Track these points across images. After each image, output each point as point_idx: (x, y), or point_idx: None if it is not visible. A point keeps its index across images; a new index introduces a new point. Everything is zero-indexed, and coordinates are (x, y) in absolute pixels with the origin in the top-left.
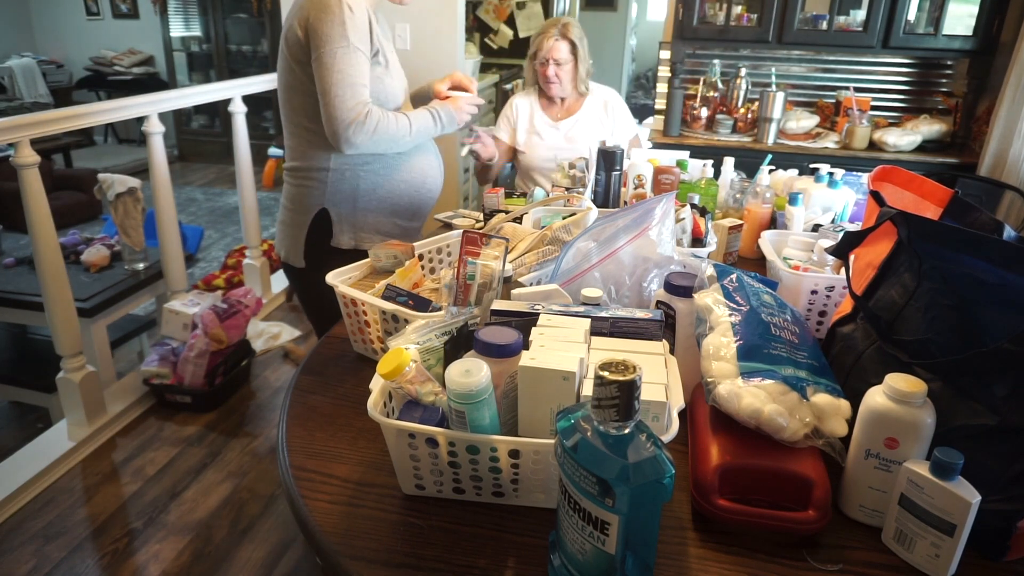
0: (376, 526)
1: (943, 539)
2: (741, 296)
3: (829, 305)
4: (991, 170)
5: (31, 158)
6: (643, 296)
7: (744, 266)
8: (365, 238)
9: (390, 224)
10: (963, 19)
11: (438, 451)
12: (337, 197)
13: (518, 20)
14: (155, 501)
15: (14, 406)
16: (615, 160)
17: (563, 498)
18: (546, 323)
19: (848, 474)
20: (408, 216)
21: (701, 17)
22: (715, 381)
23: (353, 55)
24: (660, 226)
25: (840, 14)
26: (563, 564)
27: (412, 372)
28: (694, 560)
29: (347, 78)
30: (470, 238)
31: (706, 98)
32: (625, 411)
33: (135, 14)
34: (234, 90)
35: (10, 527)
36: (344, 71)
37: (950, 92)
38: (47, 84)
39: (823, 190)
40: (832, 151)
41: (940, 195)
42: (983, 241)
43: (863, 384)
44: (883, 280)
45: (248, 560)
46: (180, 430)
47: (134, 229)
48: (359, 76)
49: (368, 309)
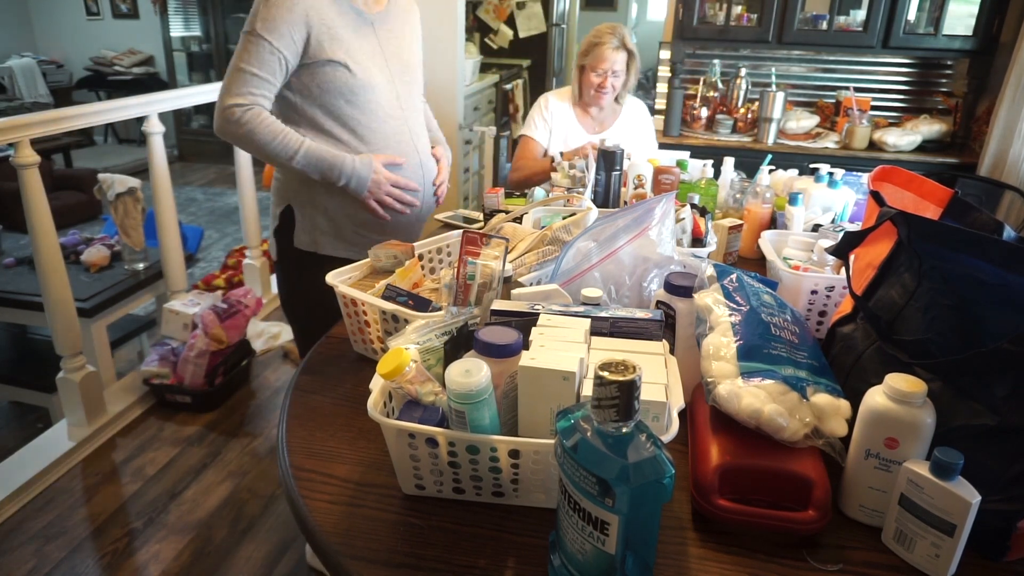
0: (376, 526)
1: (943, 539)
2: (741, 296)
3: (829, 305)
4: (991, 170)
5: (31, 158)
6: (643, 296)
7: (744, 266)
8: (324, 242)
9: (352, 233)
10: (963, 19)
11: (438, 451)
12: (299, 194)
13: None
14: (155, 501)
15: (14, 406)
16: (615, 160)
17: (563, 498)
18: (546, 323)
19: (848, 474)
20: (378, 230)
21: (701, 17)
22: (715, 381)
23: (255, 45)
24: (660, 226)
25: (840, 14)
26: (563, 564)
27: (412, 372)
28: (694, 560)
29: (239, 65)
30: (470, 238)
31: (706, 98)
32: (625, 411)
33: (135, 14)
34: None
35: (10, 527)
36: (240, 56)
37: (950, 92)
38: (47, 84)
39: (823, 190)
40: (832, 151)
41: (940, 195)
42: (983, 241)
43: (863, 384)
44: (883, 280)
45: (248, 560)
46: (180, 430)
47: (134, 229)
48: (253, 67)
49: (368, 309)
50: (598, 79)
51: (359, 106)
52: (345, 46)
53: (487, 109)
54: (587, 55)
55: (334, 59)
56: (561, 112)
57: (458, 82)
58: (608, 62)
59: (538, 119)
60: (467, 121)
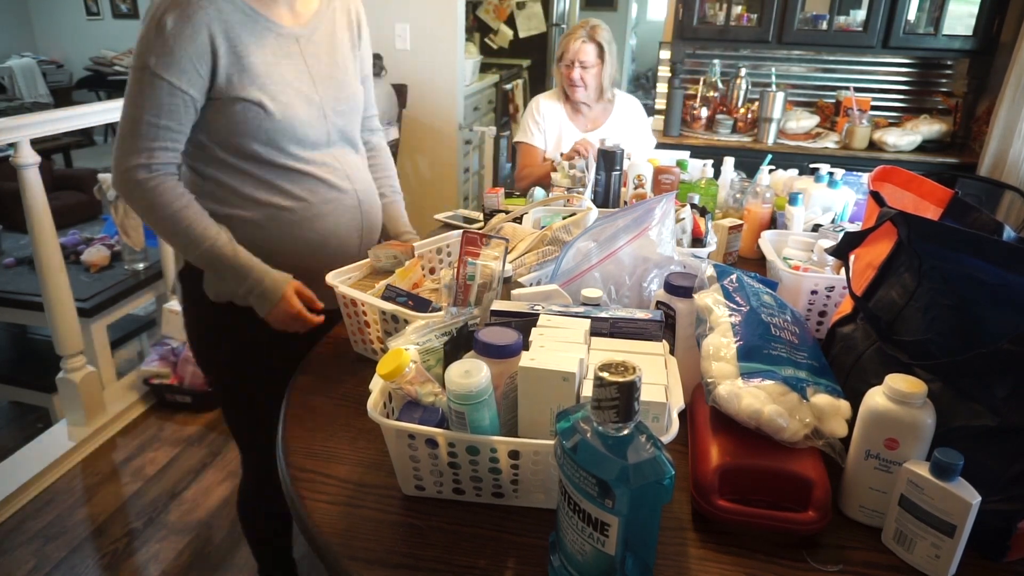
0: (376, 526)
1: (943, 540)
2: (741, 296)
3: (829, 305)
4: (991, 170)
5: (31, 158)
6: (643, 296)
7: (744, 266)
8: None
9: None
10: (963, 19)
11: (438, 452)
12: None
13: (518, 20)
14: (155, 501)
15: (14, 406)
16: (615, 160)
17: (563, 499)
18: (546, 323)
19: (848, 474)
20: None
21: (701, 17)
22: (715, 381)
23: (152, 87)
24: (660, 226)
25: (840, 14)
26: (563, 565)
27: (412, 373)
28: (694, 560)
29: (137, 114)
30: (470, 238)
31: (706, 98)
32: (625, 412)
33: (135, 14)
34: None
35: (10, 527)
36: (135, 101)
37: (950, 92)
38: (47, 84)
39: (823, 190)
40: (832, 151)
41: (940, 195)
42: (983, 241)
43: (863, 384)
44: (883, 280)
45: (248, 560)
46: (180, 430)
47: (134, 229)
48: (153, 114)
49: (368, 309)
50: (567, 70)
51: (280, 149)
52: (260, 79)
53: (487, 109)
54: (559, 50)
55: (246, 97)
56: (552, 112)
57: (458, 82)
58: (572, 53)
59: (531, 124)
60: (467, 121)
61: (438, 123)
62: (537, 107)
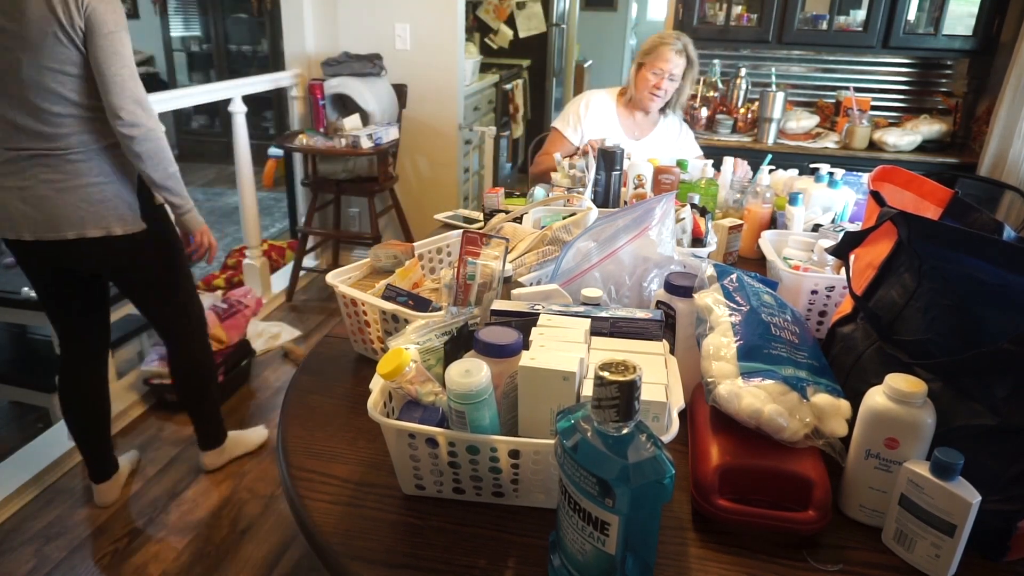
0: (376, 526)
1: (943, 539)
2: (741, 296)
3: (829, 305)
4: (991, 170)
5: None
6: (643, 296)
7: (744, 266)
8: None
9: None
10: (963, 19)
11: (438, 451)
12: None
13: (518, 20)
14: (155, 501)
15: (14, 406)
16: (615, 160)
17: (563, 498)
18: (546, 323)
19: (848, 474)
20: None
21: (701, 17)
22: (715, 381)
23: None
24: (660, 226)
25: (840, 14)
26: (563, 564)
27: (412, 372)
28: (694, 560)
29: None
30: (470, 238)
31: (706, 98)
32: (625, 411)
33: (135, 14)
34: (234, 90)
35: (10, 527)
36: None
37: (950, 92)
38: None
39: (823, 190)
40: (832, 151)
41: (940, 195)
42: (983, 241)
43: (863, 384)
44: (883, 280)
45: (248, 560)
46: (180, 430)
47: None
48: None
49: (368, 309)
50: (655, 79)
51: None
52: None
53: (487, 109)
54: (648, 53)
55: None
56: (603, 109)
57: (458, 82)
58: (668, 63)
59: (572, 116)
60: (467, 121)
61: (438, 123)
62: (588, 101)
